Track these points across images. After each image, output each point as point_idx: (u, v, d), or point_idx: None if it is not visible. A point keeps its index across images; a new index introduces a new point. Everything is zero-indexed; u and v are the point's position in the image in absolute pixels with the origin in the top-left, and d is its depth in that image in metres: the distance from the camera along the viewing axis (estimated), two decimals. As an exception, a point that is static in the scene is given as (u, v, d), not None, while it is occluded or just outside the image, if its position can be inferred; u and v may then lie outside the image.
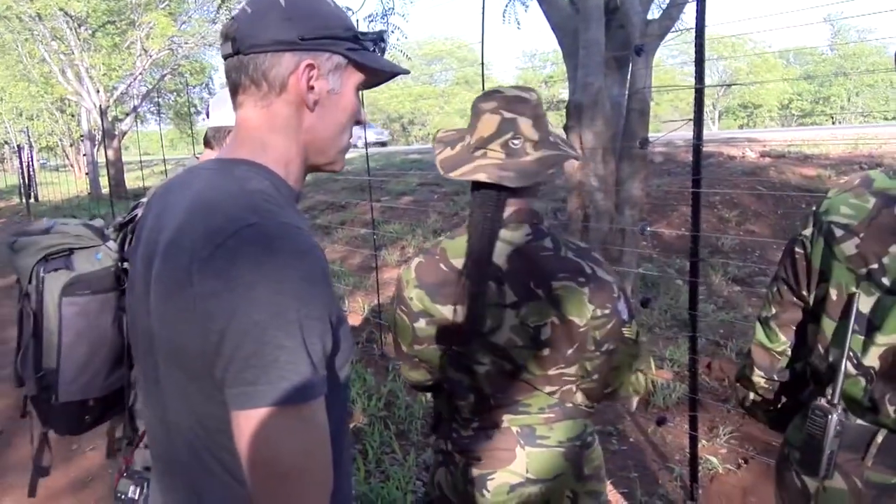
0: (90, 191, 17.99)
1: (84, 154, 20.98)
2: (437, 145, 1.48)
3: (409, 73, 1.15)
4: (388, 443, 3.51)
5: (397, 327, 1.55)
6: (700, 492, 2.96)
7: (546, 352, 1.37)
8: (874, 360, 1.14)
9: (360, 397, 4.01)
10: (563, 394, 1.42)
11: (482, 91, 1.61)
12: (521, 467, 1.42)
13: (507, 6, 7.19)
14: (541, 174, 1.36)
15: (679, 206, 7.53)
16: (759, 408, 1.46)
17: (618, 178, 5.16)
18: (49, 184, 20.72)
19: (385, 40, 1.03)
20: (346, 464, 1.02)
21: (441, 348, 1.47)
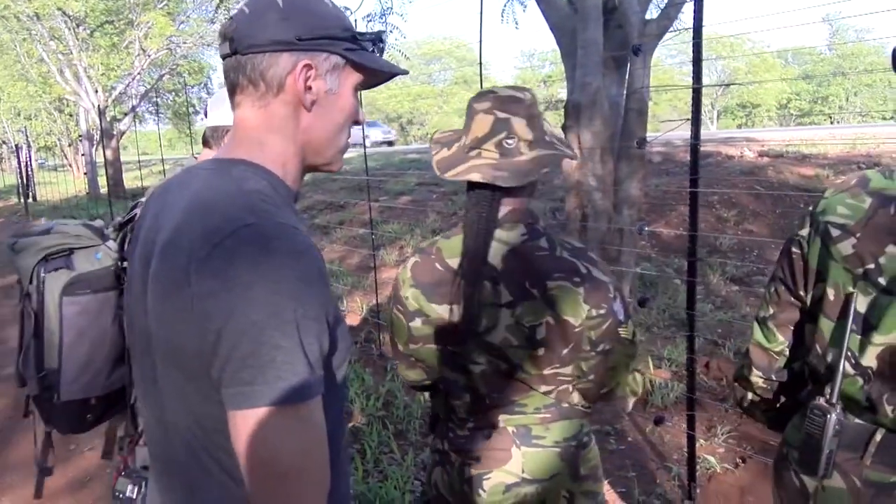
0: (88, 191, 17.98)
1: (82, 154, 21.00)
2: (434, 146, 1.48)
3: (407, 73, 1.14)
4: (387, 442, 3.51)
5: (394, 326, 1.55)
6: (698, 491, 2.96)
7: (541, 351, 1.37)
8: (872, 360, 1.14)
9: (359, 397, 4.01)
10: (559, 394, 1.42)
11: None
12: (516, 467, 1.42)
13: (505, 6, 7.16)
14: (535, 173, 1.36)
15: (677, 206, 7.53)
16: (757, 408, 1.46)
17: (616, 178, 5.16)
18: (47, 183, 20.73)
19: (383, 40, 1.03)
20: (344, 463, 1.02)
21: (437, 348, 1.47)
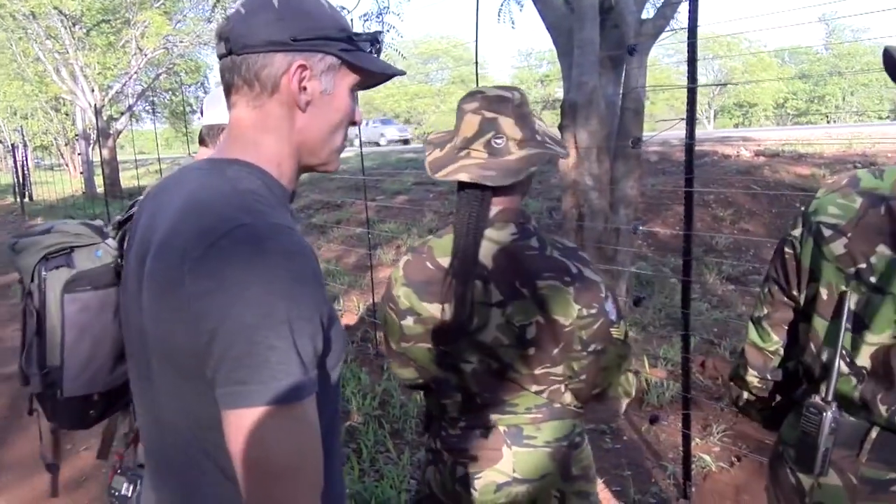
0: (85, 190, 17.97)
1: (79, 153, 20.95)
2: (428, 147, 1.48)
3: (404, 74, 1.14)
4: (383, 442, 3.52)
5: (386, 325, 1.55)
6: (693, 490, 2.97)
7: (532, 351, 1.37)
8: (866, 360, 1.14)
9: (355, 396, 4.01)
10: (550, 393, 1.42)
11: None
12: (507, 467, 1.42)
13: (502, 5, 7.13)
14: (523, 172, 1.36)
15: (673, 205, 7.54)
16: (752, 407, 1.47)
17: (612, 178, 5.17)
18: (44, 183, 20.67)
19: (380, 41, 1.02)
20: (338, 463, 1.03)
21: (428, 347, 1.48)
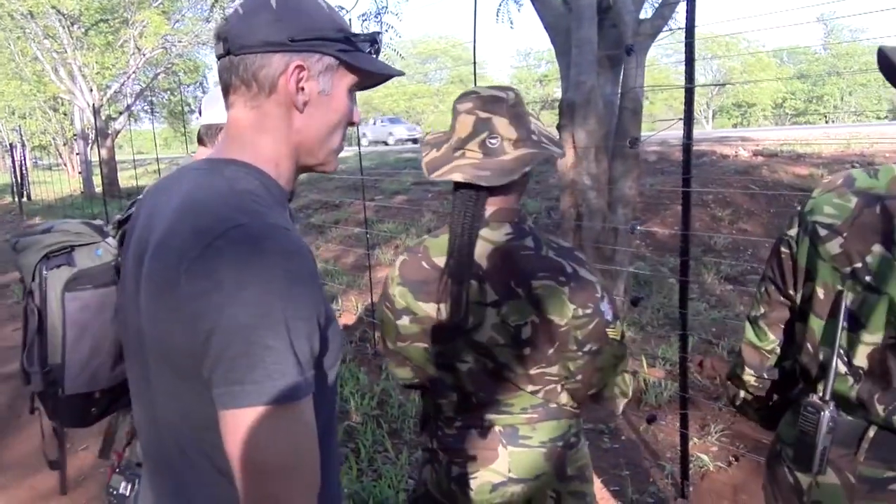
0: (83, 190, 17.96)
1: (77, 153, 20.93)
2: (425, 147, 1.48)
3: (403, 75, 1.14)
4: (381, 441, 3.52)
5: (383, 324, 1.56)
6: (691, 489, 2.97)
7: (527, 351, 1.37)
8: (863, 360, 1.15)
9: (353, 396, 4.02)
10: (546, 393, 1.42)
11: None
12: (503, 467, 1.42)
13: (500, 5, 7.12)
14: (517, 172, 1.36)
15: (672, 205, 7.54)
16: (749, 406, 1.47)
17: (610, 177, 5.17)
18: (42, 183, 20.64)
19: (378, 42, 1.02)
20: (334, 464, 1.03)
21: (424, 346, 1.48)
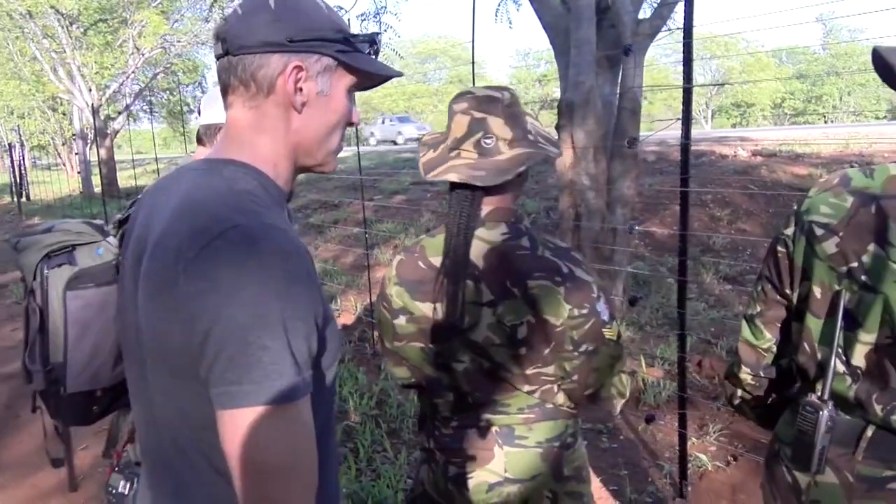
0: (82, 190, 17.94)
1: (76, 153, 20.90)
2: (422, 148, 1.48)
3: (402, 76, 1.14)
4: (380, 441, 3.52)
5: (381, 323, 1.56)
6: (689, 489, 2.98)
7: (523, 350, 1.37)
8: (860, 359, 1.15)
9: (352, 396, 4.02)
10: (543, 393, 1.42)
11: None
12: (499, 467, 1.43)
13: (499, 5, 7.13)
14: (512, 172, 1.36)
15: (671, 205, 7.55)
16: (747, 405, 1.47)
17: (609, 177, 5.18)
18: (41, 183, 20.65)
19: (377, 42, 1.02)
20: (333, 464, 1.03)
21: (420, 346, 1.48)
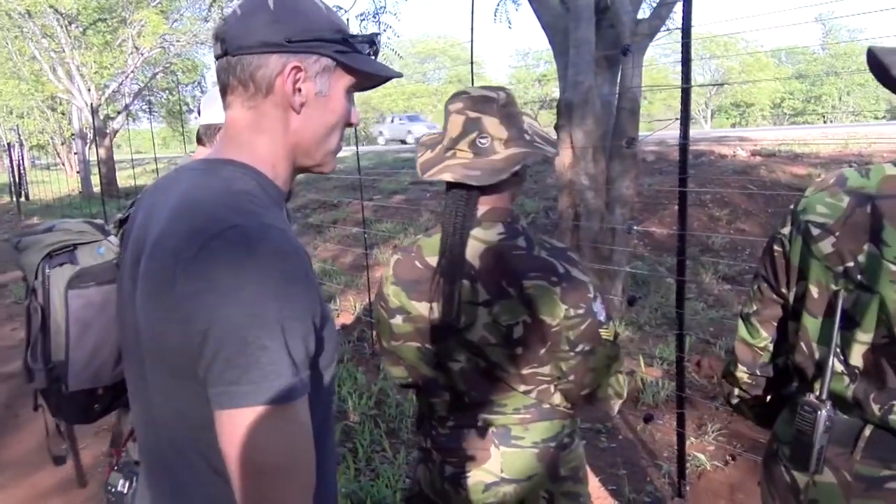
0: (81, 189, 17.93)
1: (75, 152, 20.89)
2: (420, 148, 1.49)
3: (401, 76, 1.14)
4: (379, 441, 3.53)
5: (378, 323, 1.56)
6: (688, 488, 2.98)
7: (519, 350, 1.37)
8: (858, 359, 1.15)
9: (351, 396, 4.02)
10: (539, 393, 1.42)
11: None
12: (495, 467, 1.43)
13: (498, 5, 7.14)
14: (507, 171, 1.36)
15: (670, 205, 7.55)
16: (745, 404, 1.47)
17: (608, 177, 5.18)
18: (40, 182, 20.64)
19: (377, 43, 1.02)
20: (331, 464, 1.03)
21: (417, 346, 1.49)
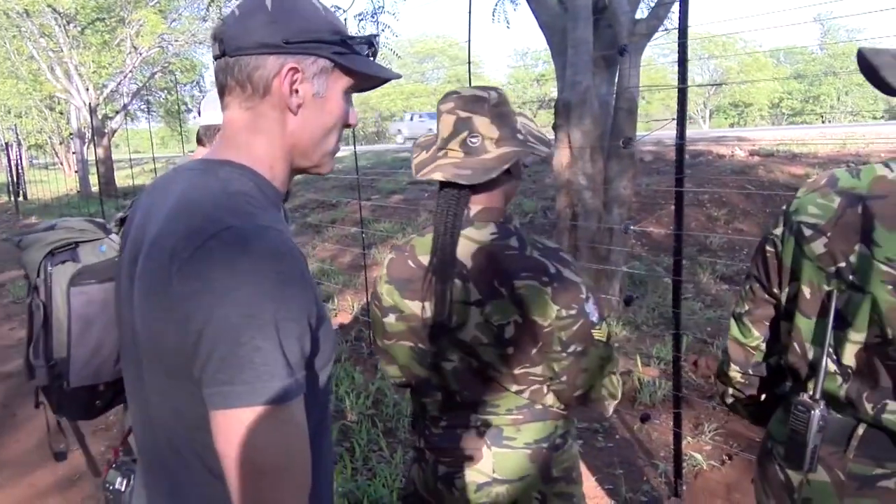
0: (80, 189, 17.89)
1: (73, 152, 20.86)
2: (416, 149, 1.49)
3: (400, 77, 1.13)
4: (376, 440, 3.53)
5: (373, 321, 1.57)
6: (684, 488, 2.99)
7: (510, 350, 1.38)
8: (851, 359, 1.16)
9: (349, 395, 4.02)
10: (532, 394, 1.42)
11: None
12: (487, 467, 1.43)
13: (496, 5, 7.17)
14: (497, 170, 1.36)
15: (668, 205, 7.57)
16: (739, 403, 1.48)
17: (606, 177, 5.19)
18: (38, 182, 20.63)
19: (375, 44, 1.02)
20: (327, 464, 1.03)
21: (409, 345, 1.49)
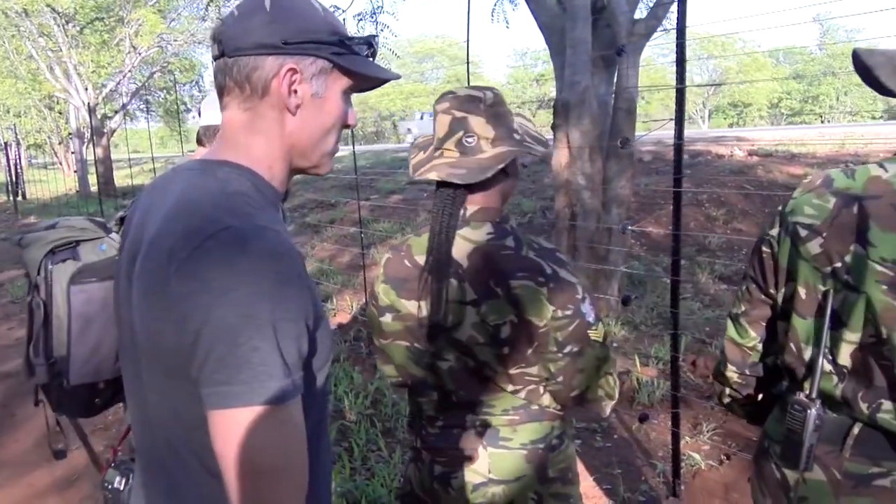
0: (79, 189, 17.88)
1: (72, 152, 20.88)
2: (413, 150, 1.49)
3: (399, 78, 1.14)
4: (375, 440, 3.53)
5: (370, 321, 1.57)
6: (682, 488, 2.99)
7: (506, 350, 1.38)
8: (846, 359, 1.17)
9: (347, 395, 4.03)
10: (528, 394, 1.43)
11: None
12: (483, 467, 1.43)
13: (495, 5, 7.18)
14: (492, 169, 1.36)
15: (666, 205, 7.56)
16: (736, 402, 1.49)
17: (605, 177, 5.19)
18: (37, 181, 20.64)
19: (374, 45, 1.02)
20: (325, 464, 1.03)
21: (405, 345, 1.49)
